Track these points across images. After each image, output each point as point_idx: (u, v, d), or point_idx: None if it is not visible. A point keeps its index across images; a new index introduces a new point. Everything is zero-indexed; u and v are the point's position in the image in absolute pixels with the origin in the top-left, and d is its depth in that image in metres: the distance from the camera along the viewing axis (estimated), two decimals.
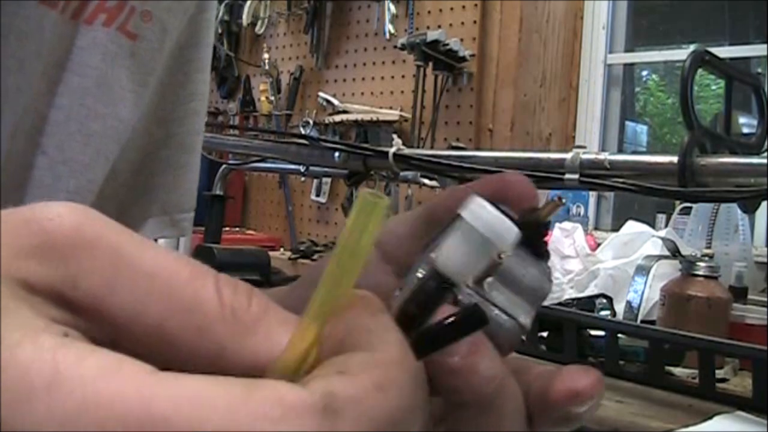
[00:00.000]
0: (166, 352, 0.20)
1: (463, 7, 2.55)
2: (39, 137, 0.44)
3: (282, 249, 2.65)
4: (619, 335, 1.31)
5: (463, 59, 2.48)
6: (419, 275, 0.26)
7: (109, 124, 0.46)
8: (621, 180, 1.01)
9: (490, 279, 0.26)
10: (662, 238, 1.64)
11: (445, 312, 0.24)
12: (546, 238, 0.28)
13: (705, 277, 1.38)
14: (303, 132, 2.84)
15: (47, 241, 0.20)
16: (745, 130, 1.33)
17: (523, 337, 0.27)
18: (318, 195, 2.96)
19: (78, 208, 0.21)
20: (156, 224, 0.55)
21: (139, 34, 0.46)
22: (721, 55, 1.06)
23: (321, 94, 2.92)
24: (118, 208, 0.52)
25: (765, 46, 2.04)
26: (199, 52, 0.55)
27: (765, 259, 1.87)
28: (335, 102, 2.84)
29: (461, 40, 2.49)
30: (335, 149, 1.38)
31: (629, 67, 2.59)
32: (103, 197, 0.48)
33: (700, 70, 1.00)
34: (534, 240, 0.27)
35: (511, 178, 0.31)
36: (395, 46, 2.59)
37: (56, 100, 0.44)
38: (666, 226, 1.81)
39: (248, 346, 0.20)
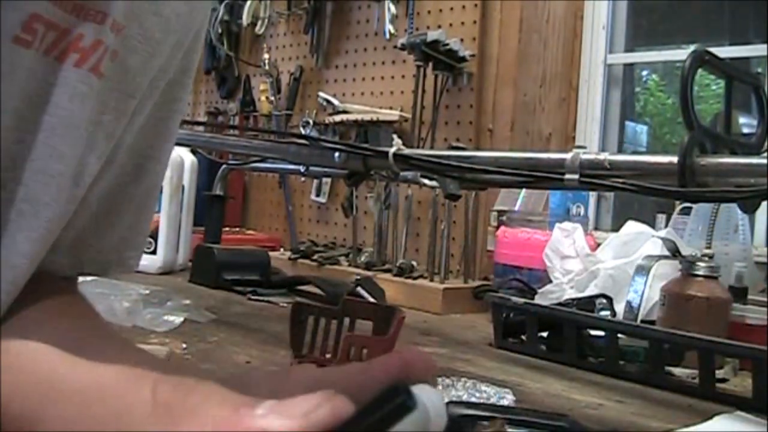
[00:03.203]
0: None
1: (463, 7, 2.55)
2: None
3: (282, 249, 2.65)
4: (619, 335, 1.31)
5: (463, 59, 2.48)
6: None
7: (72, 165, 0.44)
8: (621, 180, 1.00)
9: None
10: (662, 238, 1.64)
11: None
12: None
13: (705, 277, 1.38)
14: (303, 132, 2.84)
15: None
16: (745, 130, 1.33)
17: None
18: (318, 195, 2.96)
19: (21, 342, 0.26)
20: (101, 264, 0.53)
21: (106, 74, 0.44)
22: (721, 55, 1.06)
23: (321, 94, 2.92)
24: (77, 238, 0.50)
25: (765, 46, 2.04)
26: (184, 89, 0.54)
27: (765, 259, 1.87)
28: (335, 102, 2.84)
29: (461, 40, 2.49)
30: (335, 149, 1.38)
31: (629, 67, 2.59)
32: (65, 228, 0.46)
33: (700, 70, 1.00)
34: None
35: (410, 357, 0.32)
36: (395, 46, 2.59)
37: (22, 136, 0.42)
38: (666, 226, 1.81)
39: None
